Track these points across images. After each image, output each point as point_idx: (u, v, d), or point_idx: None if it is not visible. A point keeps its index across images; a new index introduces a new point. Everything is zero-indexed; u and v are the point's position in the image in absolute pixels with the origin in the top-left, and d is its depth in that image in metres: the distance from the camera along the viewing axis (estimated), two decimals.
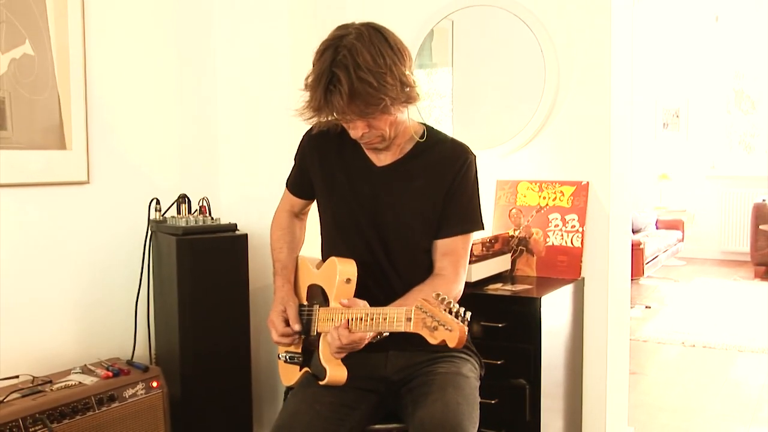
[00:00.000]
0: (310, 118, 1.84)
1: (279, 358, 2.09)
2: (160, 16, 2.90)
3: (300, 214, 2.23)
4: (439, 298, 1.56)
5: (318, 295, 1.97)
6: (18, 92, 2.42)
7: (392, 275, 1.94)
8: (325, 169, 2.03)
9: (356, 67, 1.70)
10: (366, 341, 1.77)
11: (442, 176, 1.93)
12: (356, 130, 1.82)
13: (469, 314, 1.54)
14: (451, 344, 1.51)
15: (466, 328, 1.52)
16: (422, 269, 1.95)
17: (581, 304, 2.85)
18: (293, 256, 2.16)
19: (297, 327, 1.98)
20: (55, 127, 2.54)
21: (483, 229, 2.00)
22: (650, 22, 8.46)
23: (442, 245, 1.95)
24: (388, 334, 1.77)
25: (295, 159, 2.14)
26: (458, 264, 1.94)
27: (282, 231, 2.19)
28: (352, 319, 1.73)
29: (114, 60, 2.73)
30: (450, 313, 1.54)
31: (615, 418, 3.02)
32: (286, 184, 2.20)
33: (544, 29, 2.87)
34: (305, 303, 2.04)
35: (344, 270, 1.88)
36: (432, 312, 1.55)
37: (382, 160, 1.97)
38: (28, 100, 2.45)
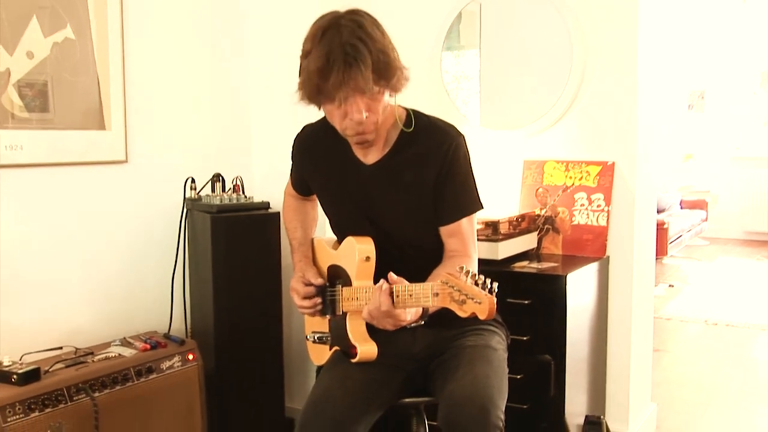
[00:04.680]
0: (316, 101, 1.76)
1: (307, 339, 2.09)
2: (195, 3, 2.96)
3: (306, 198, 2.22)
4: (463, 271, 1.53)
5: (339, 276, 1.96)
6: (60, 75, 2.49)
7: (408, 262, 1.88)
8: (318, 172, 2.03)
9: (372, 40, 1.68)
10: (403, 323, 1.74)
11: (430, 165, 1.85)
12: (359, 113, 1.71)
13: (496, 285, 1.51)
14: (482, 316, 1.48)
15: (495, 299, 1.49)
16: (433, 255, 1.93)
17: (606, 282, 2.88)
18: (308, 233, 2.16)
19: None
20: (95, 108, 2.61)
21: (482, 208, 1.94)
22: (677, 3, 8.38)
23: (446, 230, 1.91)
24: (423, 322, 1.76)
25: (292, 159, 2.12)
26: (467, 242, 1.91)
27: (294, 212, 2.19)
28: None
29: (151, 44, 2.80)
30: (476, 285, 1.51)
31: (638, 393, 3.06)
32: (290, 177, 2.20)
33: (571, 11, 2.89)
34: (326, 284, 2.02)
35: (363, 249, 1.86)
36: (458, 285, 1.52)
37: (369, 158, 1.91)
38: (69, 82, 2.52)
